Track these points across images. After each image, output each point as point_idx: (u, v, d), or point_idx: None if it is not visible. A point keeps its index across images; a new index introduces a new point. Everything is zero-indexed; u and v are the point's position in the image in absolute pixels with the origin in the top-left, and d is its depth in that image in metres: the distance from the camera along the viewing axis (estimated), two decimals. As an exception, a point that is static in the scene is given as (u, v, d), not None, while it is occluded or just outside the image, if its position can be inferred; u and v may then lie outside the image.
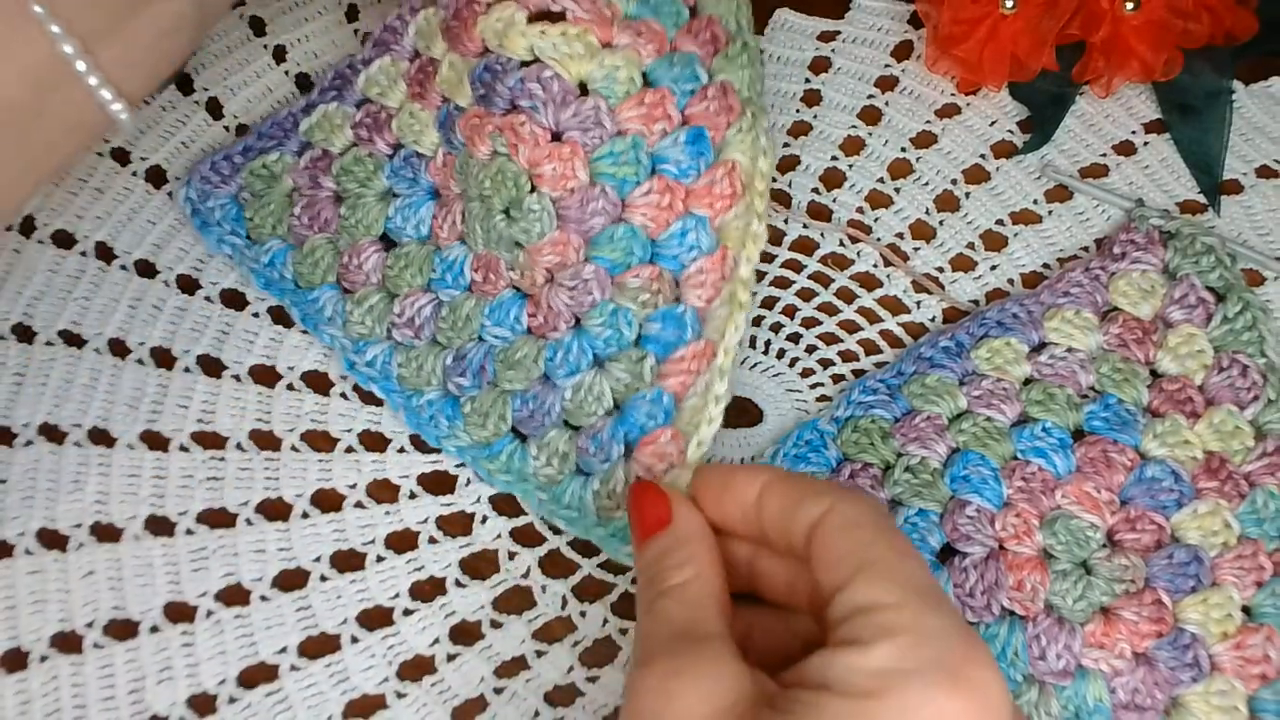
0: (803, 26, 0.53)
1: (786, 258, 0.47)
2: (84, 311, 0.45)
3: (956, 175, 0.49)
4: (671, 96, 0.41)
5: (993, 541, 0.39)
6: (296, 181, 0.46)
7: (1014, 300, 0.45)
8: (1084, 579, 0.39)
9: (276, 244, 0.45)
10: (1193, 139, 0.50)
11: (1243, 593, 0.39)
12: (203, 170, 0.47)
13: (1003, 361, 0.43)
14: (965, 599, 0.39)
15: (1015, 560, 0.39)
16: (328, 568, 0.41)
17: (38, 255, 0.46)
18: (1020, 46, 0.49)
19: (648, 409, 0.40)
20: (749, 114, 0.42)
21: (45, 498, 0.41)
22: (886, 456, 0.41)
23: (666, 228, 0.41)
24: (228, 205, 0.46)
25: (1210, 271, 0.45)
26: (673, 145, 0.41)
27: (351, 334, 0.44)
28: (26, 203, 0.44)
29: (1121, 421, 0.41)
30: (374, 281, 0.44)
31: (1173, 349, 0.43)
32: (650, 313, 0.41)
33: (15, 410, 0.43)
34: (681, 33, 0.43)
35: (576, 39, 0.40)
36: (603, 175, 0.41)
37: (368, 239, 0.44)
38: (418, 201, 0.44)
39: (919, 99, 0.51)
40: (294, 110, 0.48)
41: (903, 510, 0.40)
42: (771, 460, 0.42)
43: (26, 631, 0.39)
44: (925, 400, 0.42)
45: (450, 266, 0.43)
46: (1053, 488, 0.40)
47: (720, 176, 0.41)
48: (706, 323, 0.41)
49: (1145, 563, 0.39)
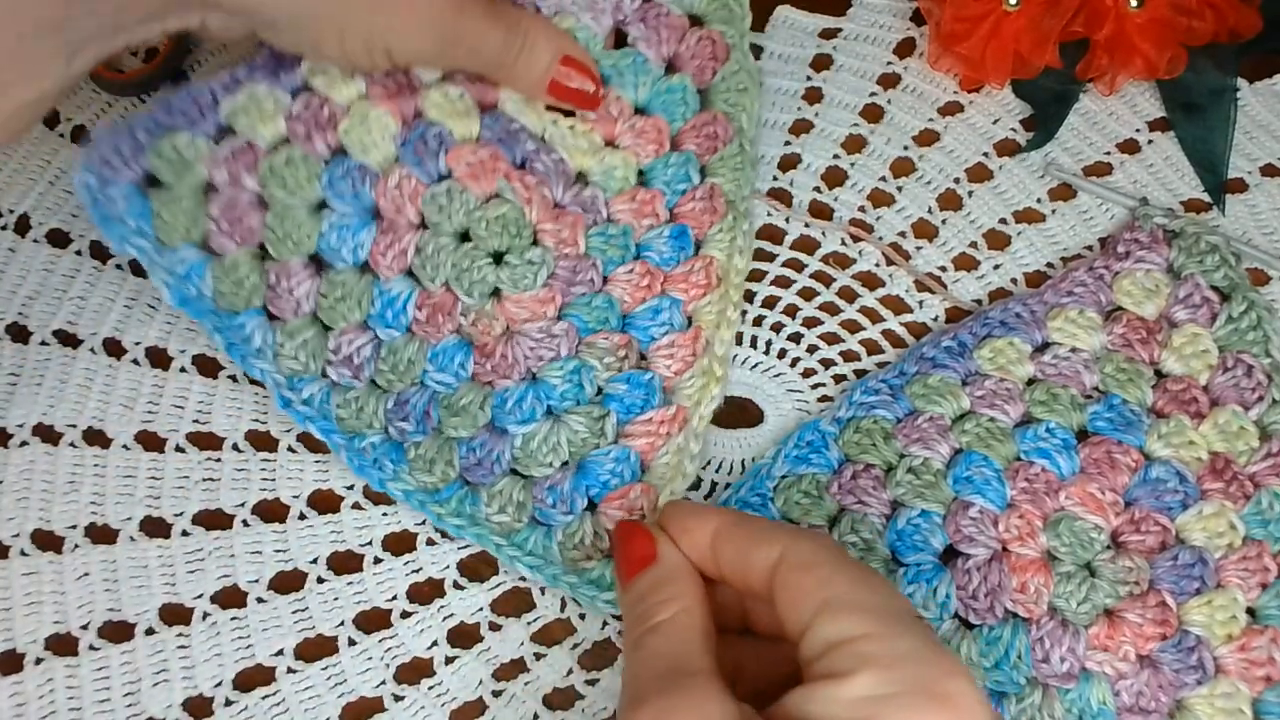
0: (804, 24, 0.53)
1: (788, 257, 0.47)
2: (79, 311, 0.45)
3: (959, 174, 0.49)
4: (662, 197, 0.44)
5: (996, 543, 0.39)
6: (212, 174, 0.40)
7: (1017, 300, 0.44)
8: (1088, 581, 0.38)
9: (193, 255, 0.40)
10: (1197, 137, 0.50)
11: (1247, 595, 0.39)
12: (101, 149, 0.39)
13: (1006, 361, 0.42)
14: (968, 601, 0.38)
15: (1019, 562, 0.38)
16: (325, 569, 0.41)
17: (33, 254, 0.46)
18: (1023, 44, 0.49)
19: (612, 466, 0.40)
20: (731, 216, 0.44)
21: (40, 499, 0.41)
22: (889, 457, 0.41)
23: (642, 303, 0.43)
24: (131, 196, 0.39)
25: (1215, 271, 0.44)
26: (658, 238, 0.43)
27: (284, 369, 0.40)
28: None
29: (1126, 422, 0.41)
30: (306, 310, 0.41)
31: (1177, 349, 0.43)
32: (614, 375, 0.41)
33: (10, 410, 0.42)
34: (686, 127, 0.45)
35: (583, 135, 0.44)
36: (594, 249, 0.43)
37: (297, 258, 0.40)
38: (356, 223, 0.41)
39: (921, 97, 0.51)
40: (214, 86, 0.41)
41: (905, 511, 0.40)
42: (773, 462, 0.41)
43: (21, 633, 0.39)
44: (928, 400, 0.42)
45: (391, 303, 0.41)
46: (1056, 489, 0.40)
47: (698, 268, 0.43)
48: (676, 392, 0.42)
49: (1150, 564, 0.39)
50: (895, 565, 0.39)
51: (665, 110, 0.45)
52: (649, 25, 0.46)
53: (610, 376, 0.41)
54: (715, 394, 0.42)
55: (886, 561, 0.39)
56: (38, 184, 0.48)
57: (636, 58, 0.45)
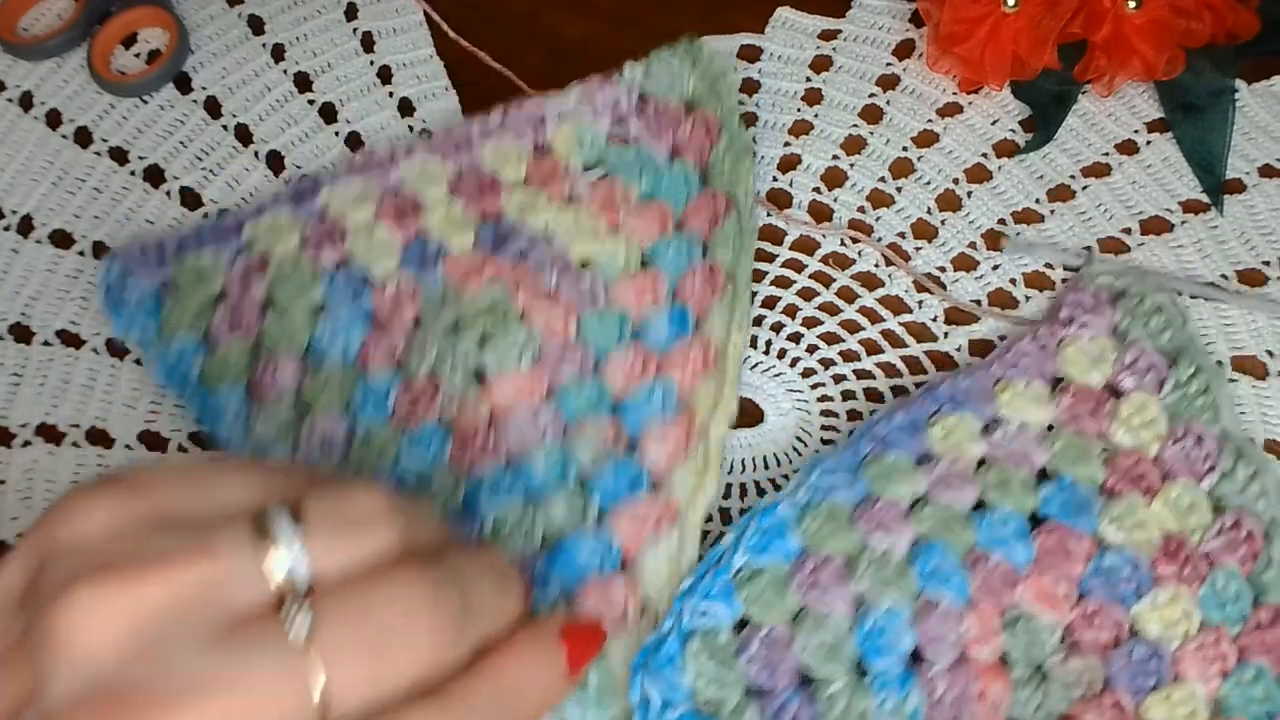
0: (804, 25, 0.53)
1: (787, 257, 0.47)
2: (82, 312, 0.45)
3: (958, 174, 0.49)
4: (664, 279, 0.44)
5: (960, 645, 0.37)
6: (227, 285, 0.43)
7: (964, 373, 0.43)
8: (1041, 686, 0.37)
9: (189, 340, 0.42)
10: (1195, 138, 0.50)
11: (1208, 685, 0.37)
12: (131, 253, 0.43)
13: (957, 440, 0.41)
14: (933, 708, 0.36)
15: (978, 668, 0.37)
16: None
17: (35, 255, 0.46)
18: (1022, 45, 0.49)
19: (588, 552, 0.38)
20: (730, 290, 0.44)
21: (43, 499, 0.41)
22: (850, 547, 0.39)
23: (633, 388, 0.42)
24: (146, 294, 0.43)
25: (1161, 334, 0.43)
26: (656, 319, 0.43)
27: (253, 446, 0.40)
28: None
29: (1077, 505, 0.39)
30: (287, 394, 0.41)
31: (1126, 420, 0.41)
32: (600, 464, 0.40)
33: (13, 411, 0.43)
34: (689, 208, 0.45)
35: (586, 224, 0.45)
36: (586, 334, 0.43)
37: (289, 353, 0.42)
38: (350, 324, 0.42)
39: (920, 98, 0.51)
40: (242, 213, 0.45)
41: (871, 612, 0.37)
42: (734, 549, 0.38)
43: (24, 633, 0.39)
44: (885, 483, 0.40)
45: (373, 395, 0.41)
46: (1013, 583, 0.38)
47: (694, 349, 0.42)
48: (667, 484, 0.40)
49: (1104, 662, 0.37)
50: (861, 673, 0.37)
51: (669, 195, 0.46)
52: (647, 120, 0.47)
53: (595, 464, 0.40)
54: (710, 490, 0.40)
55: (854, 666, 0.37)
56: (40, 185, 0.48)
57: (639, 152, 0.46)
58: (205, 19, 0.53)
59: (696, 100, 0.48)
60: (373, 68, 0.52)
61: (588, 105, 0.47)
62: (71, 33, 0.51)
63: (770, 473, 0.43)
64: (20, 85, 0.50)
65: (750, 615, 0.38)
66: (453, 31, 0.53)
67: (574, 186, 0.46)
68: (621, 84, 0.48)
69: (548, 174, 0.46)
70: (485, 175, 0.46)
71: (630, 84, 0.48)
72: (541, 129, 0.47)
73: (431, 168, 0.46)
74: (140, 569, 0.24)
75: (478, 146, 0.47)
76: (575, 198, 0.46)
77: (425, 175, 0.46)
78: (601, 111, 0.47)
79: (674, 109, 0.47)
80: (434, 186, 0.46)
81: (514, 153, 0.47)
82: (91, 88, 0.50)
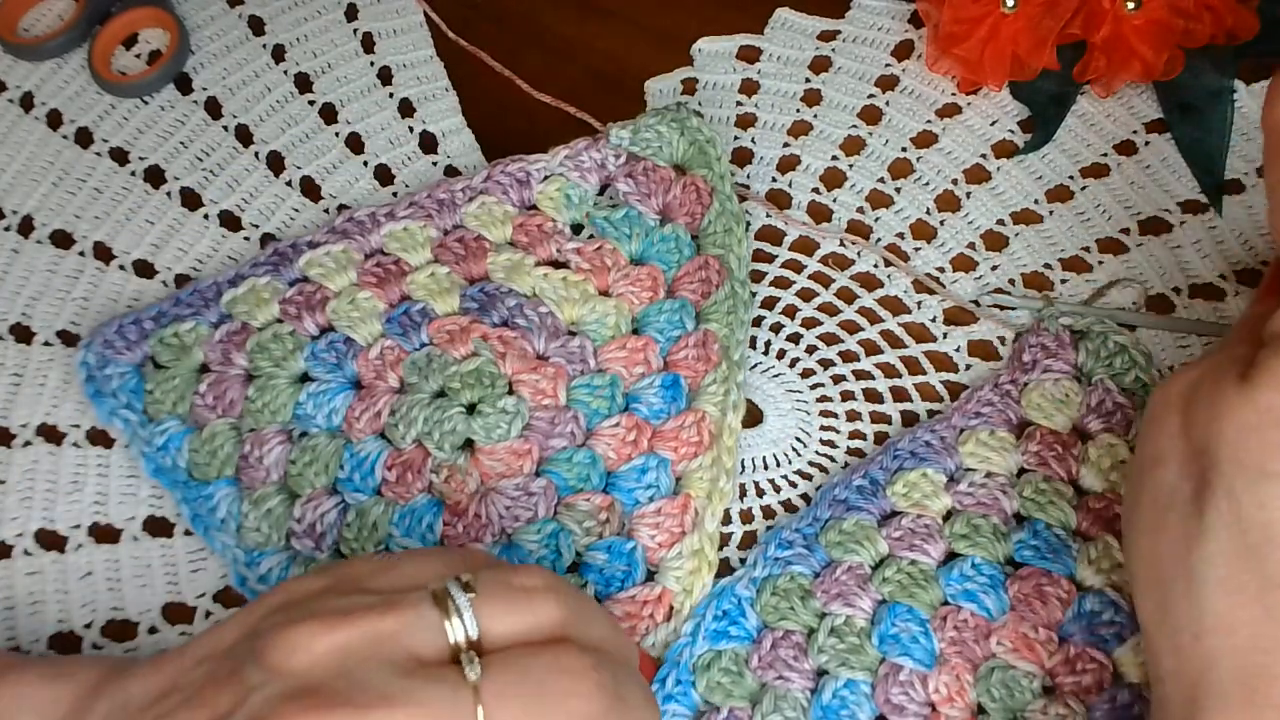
0: (803, 25, 0.53)
1: (787, 258, 0.47)
2: (82, 312, 0.45)
3: (957, 175, 0.49)
4: (655, 345, 0.43)
5: (926, 708, 0.36)
6: (208, 356, 0.42)
7: (925, 427, 0.42)
8: None
9: (174, 425, 0.41)
10: (1194, 138, 0.50)
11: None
12: (106, 334, 0.42)
13: (921, 495, 0.40)
14: None
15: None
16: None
17: (36, 255, 0.46)
18: (1021, 46, 0.49)
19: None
20: (724, 365, 0.43)
21: (44, 498, 0.41)
22: (809, 620, 0.38)
23: (627, 461, 0.41)
24: (128, 375, 0.42)
25: (1125, 374, 0.42)
26: (648, 388, 0.42)
27: (246, 542, 0.39)
28: None
29: (1052, 549, 0.39)
30: (274, 479, 0.40)
31: (1094, 462, 0.41)
32: (594, 541, 0.39)
33: (13, 411, 0.43)
34: (681, 274, 0.45)
35: (575, 285, 0.44)
36: (576, 401, 0.42)
37: (273, 427, 0.41)
38: (334, 390, 0.41)
39: (920, 98, 0.51)
40: (219, 280, 0.44)
41: (830, 684, 0.37)
42: (693, 638, 0.38)
43: (25, 633, 0.39)
44: (844, 549, 0.39)
45: (360, 464, 0.40)
46: (987, 634, 0.37)
47: (689, 424, 0.41)
48: (662, 571, 0.39)
49: (1088, 708, 0.36)
50: None
51: (660, 259, 0.45)
52: (636, 180, 0.46)
53: (590, 544, 0.39)
54: (707, 582, 0.39)
55: None
56: (41, 185, 0.48)
57: (629, 212, 0.45)
58: (206, 20, 0.53)
59: (687, 163, 0.47)
60: (373, 68, 0.52)
61: (573, 164, 0.46)
62: (72, 33, 0.51)
63: (770, 473, 0.43)
64: (21, 86, 0.51)
65: (709, 699, 0.37)
66: (452, 32, 0.53)
67: (562, 247, 0.45)
68: (608, 145, 0.46)
69: (534, 235, 0.45)
70: (470, 237, 0.45)
71: (618, 145, 0.47)
72: (527, 188, 0.46)
73: (414, 229, 0.45)
74: (341, 617, 0.29)
75: (461, 207, 0.46)
76: (563, 259, 0.45)
77: (408, 238, 0.45)
78: (588, 171, 0.46)
79: (663, 171, 0.46)
80: (417, 249, 0.45)
81: (499, 213, 0.46)
82: (92, 88, 0.50)
